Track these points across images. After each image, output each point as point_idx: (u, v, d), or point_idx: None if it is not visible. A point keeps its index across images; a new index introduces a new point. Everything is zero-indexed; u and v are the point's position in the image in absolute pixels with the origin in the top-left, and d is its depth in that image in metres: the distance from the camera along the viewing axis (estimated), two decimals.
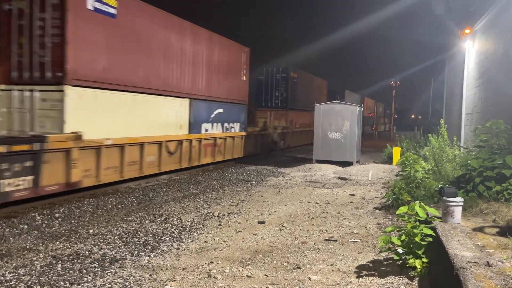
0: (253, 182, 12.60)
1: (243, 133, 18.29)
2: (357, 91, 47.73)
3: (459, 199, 6.03)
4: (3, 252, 5.85)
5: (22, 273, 5.08)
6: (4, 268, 5.21)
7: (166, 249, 6.10)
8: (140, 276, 5.06)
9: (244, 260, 5.64)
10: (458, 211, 5.99)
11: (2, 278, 4.91)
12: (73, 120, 9.26)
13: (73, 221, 7.59)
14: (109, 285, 4.77)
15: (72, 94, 9.24)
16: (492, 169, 7.30)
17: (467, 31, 14.97)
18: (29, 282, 4.80)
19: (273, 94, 25.48)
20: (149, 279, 4.98)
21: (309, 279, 4.99)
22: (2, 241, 6.35)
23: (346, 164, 16.22)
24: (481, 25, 13.77)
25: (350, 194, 10.73)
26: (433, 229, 5.29)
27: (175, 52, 13.14)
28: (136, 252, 5.96)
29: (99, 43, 10.00)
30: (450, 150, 11.69)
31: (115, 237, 6.64)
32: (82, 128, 9.37)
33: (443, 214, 6.07)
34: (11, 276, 4.95)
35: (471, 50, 15.04)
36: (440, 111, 25.24)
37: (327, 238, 6.74)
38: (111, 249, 6.07)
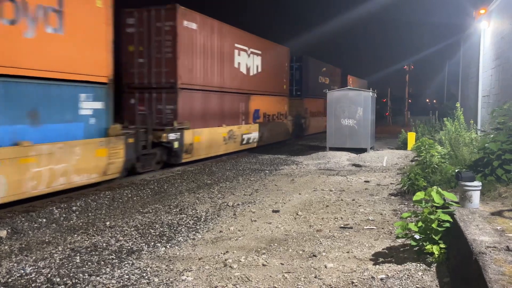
0: (267, 171, 12.59)
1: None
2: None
3: (477, 183, 5.91)
4: (23, 245, 5.97)
5: (41, 266, 5.17)
6: (24, 262, 5.31)
7: (182, 240, 6.14)
8: (157, 266, 5.11)
9: (259, 249, 5.65)
10: (476, 196, 5.88)
11: (23, 271, 5.00)
12: None
13: (90, 214, 7.69)
14: (127, 276, 4.83)
15: None
16: (511, 152, 7.14)
17: (482, 11, 14.58)
18: (49, 275, 4.89)
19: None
20: (165, 269, 5.02)
21: (325, 267, 4.97)
22: (22, 235, 6.47)
23: (360, 151, 16.09)
24: (496, 5, 13.37)
25: (365, 181, 10.64)
26: (451, 214, 5.21)
27: None
28: (152, 243, 6.02)
29: None
30: (467, 134, 11.46)
31: (132, 229, 6.71)
32: None
33: (461, 199, 5.96)
34: (31, 269, 5.05)
35: (487, 31, 14.63)
36: (456, 94, 24.76)
37: (342, 225, 6.70)
38: (128, 240, 6.14)
